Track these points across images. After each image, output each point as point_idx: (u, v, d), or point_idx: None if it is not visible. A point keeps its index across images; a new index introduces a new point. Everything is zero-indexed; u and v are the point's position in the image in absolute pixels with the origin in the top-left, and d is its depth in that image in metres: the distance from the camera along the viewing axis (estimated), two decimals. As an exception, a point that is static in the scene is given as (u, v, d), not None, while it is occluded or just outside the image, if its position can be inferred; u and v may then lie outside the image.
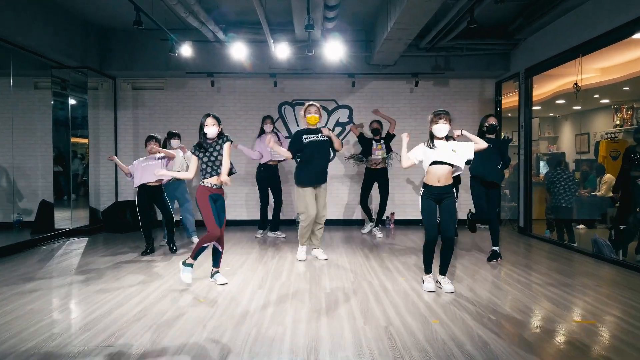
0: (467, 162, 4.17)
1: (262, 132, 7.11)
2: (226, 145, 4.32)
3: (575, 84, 6.12)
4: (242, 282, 4.49)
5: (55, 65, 7.24)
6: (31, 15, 6.20)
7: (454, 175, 4.17)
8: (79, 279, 4.62)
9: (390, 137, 7.27)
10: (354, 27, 7.86)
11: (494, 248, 5.48)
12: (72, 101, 7.55)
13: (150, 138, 5.82)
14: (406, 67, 8.12)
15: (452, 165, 4.06)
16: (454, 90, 8.61)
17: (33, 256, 5.82)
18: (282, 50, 6.97)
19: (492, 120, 5.38)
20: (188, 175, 4.45)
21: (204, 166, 4.31)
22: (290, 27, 7.20)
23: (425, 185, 4.15)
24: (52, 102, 7.43)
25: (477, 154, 5.17)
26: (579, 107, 9.24)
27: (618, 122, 8.00)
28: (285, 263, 5.33)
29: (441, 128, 4.04)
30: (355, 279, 4.58)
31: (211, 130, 4.26)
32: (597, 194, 7.62)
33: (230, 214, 8.54)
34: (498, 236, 5.44)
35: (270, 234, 7.28)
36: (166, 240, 6.01)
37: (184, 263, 4.32)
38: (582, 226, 7.33)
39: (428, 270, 4.26)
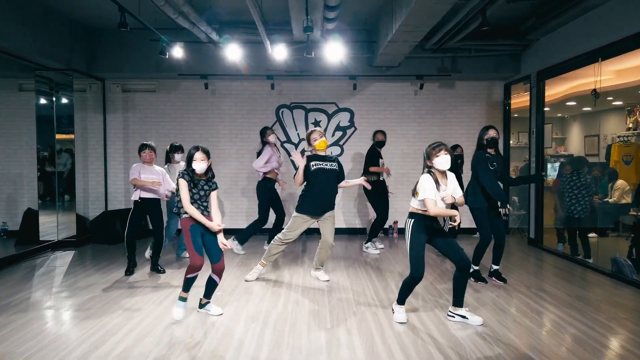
0: None
1: (263, 144, 6.57)
2: (214, 194, 3.95)
3: (594, 90, 5.70)
4: (234, 313, 4.09)
5: (38, 68, 6.80)
6: (10, 17, 5.76)
7: None
8: (57, 309, 4.23)
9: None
10: (355, 27, 7.43)
11: (495, 266, 5.15)
12: (57, 104, 7.12)
13: (144, 146, 5.35)
14: (410, 69, 7.70)
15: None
16: (461, 93, 8.19)
17: (12, 276, 5.42)
18: (279, 52, 6.55)
19: (492, 133, 4.95)
20: (183, 204, 3.91)
21: (191, 201, 3.89)
22: (287, 27, 6.77)
23: (416, 215, 3.75)
24: (36, 106, 7.00)
25: (486, 176, 4.83)
26: (589, 109, 8.85)
27: (631, 125, 7.62)
28: (282, 287, 4.94)
29: (444, 160, 3.65)
30: (358, 309, 4.20)
31: (200, 165, 3.82)
32: (610, 200, 7.25)
33: (229, 224, 8.15)
34: (500, 258, 5.13)
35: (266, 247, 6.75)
36: (151, 261, 5.58)
37: (179, 297, 3.94)
38: (592, 234, 6.96)
39: (402, 301, 3.95)
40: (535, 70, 7.01)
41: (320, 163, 4.95)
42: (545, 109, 7.48)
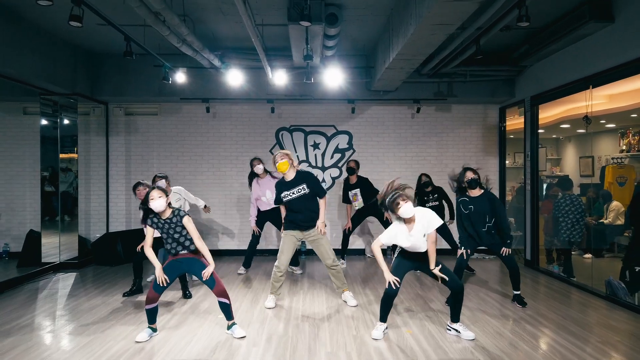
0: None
1: (253, 174, 6.69)
2: (185, 220, 3.93)
3: (586, 116, 5.87)
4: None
5: (43, 93, 6.96)
6: (16, 45, 5.92)
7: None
8: (62, 332, 4.30)
9: (371, 190, 7.08)
10: (353, 53, 7.64)
11: (515, 292, 5.21)
12: (61, 126, 7.26)
13: (139, 184, 5.46)
14: (408, 93, 7.88)
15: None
16: (457, 116, 8.36)
17: (16, 298, 5.49)
18: (279, 77, 6.74)
19: (470, 175, 5.03)
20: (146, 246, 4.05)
21: (167, 246, 4.00)
22: (287, 53, 6.95)
23: (401, 248, 4.09)
24: (41, 130, 7.15)
25: (462, 221, 5.07)
26: (583, 131, 9.02)
27: (624, 147, 7.76)
28: (282, 310, 5.01)
29: (405, 210, 3.83)
30: (357, 333, 4.27)
31: (157, 203, 3.85)
32: (605, 221, 7.36)
33: (227, 246, 8.25)
34: (518, 283, 5.19)
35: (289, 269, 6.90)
36: (181, 285, 5.61)
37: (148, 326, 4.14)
38: (588, 255, 7.05)
39: (384, 319, 4.15)
40: (529, 95, 7.19)
41: (289, 192, 5.01)
42: (540, 130, 7.66)
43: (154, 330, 4.13)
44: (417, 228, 3.90)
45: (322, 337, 4.14)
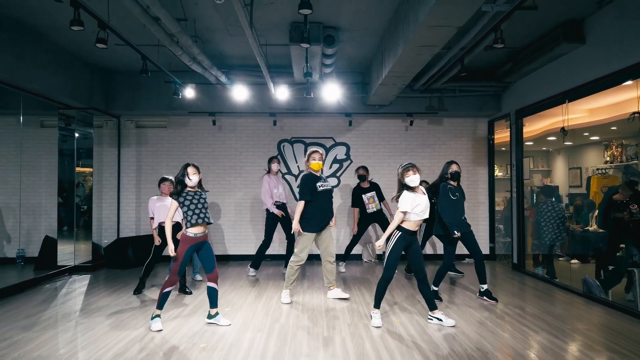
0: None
1: (269, 171, 7.32)
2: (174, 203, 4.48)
3: (562, 128, 6.37)
4: (242, 324, 4.63)
5: (61, 107, 7.49)
6: (40, 63, 6.47)
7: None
8: (82, 322, 4.75)
9: (378, 187, 7.54)
10: (350, 70, 8.19)
11: (483, 286, 5.62)
12: (77, 139, 7.79)
13: (164, 180, 6.03)
14: (401, 107, 8.42)
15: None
16: (448, 129, 8.88)
17: (36, 296, 5.95)
18: (281, 92, 7.26)
19: (455, 167, 5.53)
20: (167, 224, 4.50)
21: (190, 213, 4.45)
22: (289, 70, 7.50)
23: (403, 229, 4.47)
24: (58, 142, 7.65)
25: (451, 205, 5.41)
26: (570, 143, 9.52)
27: (608, 158, 8.23)
28: (284, 304, 5.46)
29: (413, 179, 4.44)
30: (352, 321, 4.73)
31: (194, 179, 4.50)
32: (590, 228, 7.80)
33: (234, 250, 8.72)
34: (484, 275, 5.58)
35: (284, 270, 7.25)
36: (179, 284, 6.03)
37: (151, 317, 4.55)
38: (575, 261, 7.48)
39: (378, 305, 4.64)
40: (514, 109, 7.72)
41: (323, 183, 5.52)
42: (530, 143, 8.14)
43: (160, 317, 4.56)
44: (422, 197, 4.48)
45: (319, 326, 4.59)
